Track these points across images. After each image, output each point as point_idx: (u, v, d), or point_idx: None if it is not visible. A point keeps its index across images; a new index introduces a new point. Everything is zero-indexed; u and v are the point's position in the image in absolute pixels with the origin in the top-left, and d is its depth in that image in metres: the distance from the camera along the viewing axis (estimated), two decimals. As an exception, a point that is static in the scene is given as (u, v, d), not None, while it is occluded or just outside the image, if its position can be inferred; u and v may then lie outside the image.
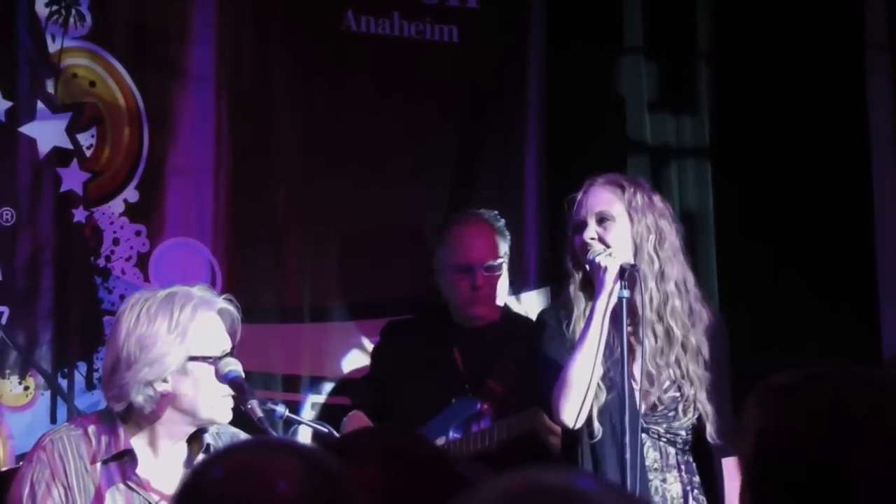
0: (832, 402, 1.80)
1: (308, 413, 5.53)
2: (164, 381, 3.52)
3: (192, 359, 3.53)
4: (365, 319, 5.71)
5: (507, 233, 5.24)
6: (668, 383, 4.04)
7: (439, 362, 5.03)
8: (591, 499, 1.47)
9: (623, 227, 4.04)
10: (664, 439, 4.04)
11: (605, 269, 3.92)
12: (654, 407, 4.03)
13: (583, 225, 4.05)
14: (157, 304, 3.55)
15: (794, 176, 5.93)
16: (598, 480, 1.58)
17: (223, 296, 3.65)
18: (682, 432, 4.06)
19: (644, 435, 3.97)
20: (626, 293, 3.88)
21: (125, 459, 3.54)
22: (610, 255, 3.94)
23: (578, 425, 3.99)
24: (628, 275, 3.91)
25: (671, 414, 4.03)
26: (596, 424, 3.99)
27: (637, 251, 4.02)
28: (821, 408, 1.80)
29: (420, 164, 5.86)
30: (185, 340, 3.52)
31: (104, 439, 3.54)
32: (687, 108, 6.02)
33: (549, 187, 5.89)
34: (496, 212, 5.29)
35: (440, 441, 4.91)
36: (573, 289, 4.06)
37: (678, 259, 4.09)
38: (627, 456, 3.84)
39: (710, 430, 4.03)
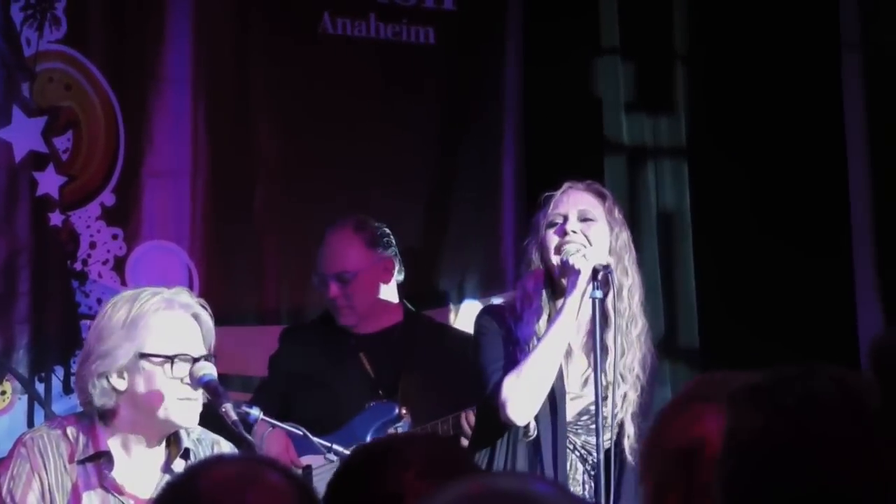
0: (802, 401, 1.81)
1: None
2: (121, 377, 3.51)
3: (143, 356, 3.51)
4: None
5: (384, 239, 5.04)
6: (592, 395, 4.00)
7: (347, 368, 4.93)
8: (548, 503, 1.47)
9: (603, 231, 4.03)
10: (577, 453, 4.00)
11: (579, 270, 3.90)
12: (580, 414, 4.00)
13: (562, 220, 4.02)
14: (123, 300, 3.57)
15: (771, 175, 5.94)
16: (555, 485, 1.58)
17: (197, 300, 3.63)
18: (594, 452, 4.00)
19: (569, 443, 3.94)
20: (598, 294, 3.86)
21: (101, 461, 3.53)
22: (584, 256, 3.92)
23: (525, 423, 3.94)
24: (602, 276, 3.89)
25: (592, 426, 3.99)
26: (531, 424, 3.95)
27: (617, 262, 4.00)
28: (791, 407, 1.80)
29: (398, 166, 5.86)
30: (135, 336, 3.50)
31: (82, 440, 3.55)
32: (664, 108, 6.03)
33: (527, 189, 5.90)
34: (376, 222, 5.17)
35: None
36: (533, 285, 4.02)
37: (640, 274, 4.09)
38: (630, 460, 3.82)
39: (626, 449, 3.96)
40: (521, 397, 3.90)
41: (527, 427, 3.94)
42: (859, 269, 5.92)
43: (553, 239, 4.01)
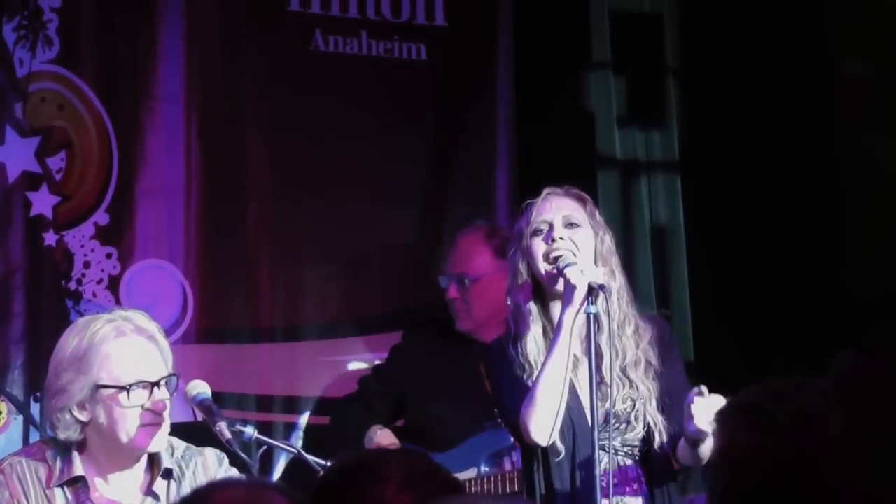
0: (795, 417, 1.81)
1: (282, 434, 5.53)
2: (82, 409, 3.52)
3: (99, 387, 3.50)
4: (338, 339, 5.71)
5: (499, 248, 5.03)
6: (618, 395, 4.02)
7: (465, 379, 4.92)
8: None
9: (588, 236, 4.03)
10: (621, 453, 4.01)
11: (576, 286, 3.89)
12: (605, 420, 4.01)
13: (548, 227, 4.01)
14: (76, 331, 3.58)
15: (764, 188, 5.95)
16: None
17: (142, 320, 3.59)
18: (637, 444, 4.04)
19: (601, 452, 3.94)
20: (593, 309, 3.86)
21: (79, 485, 3.55)
22: (581, 272, 3.91)
23: (549, 443, 3.96)
24: (596, 292, 3.88)
25: (623, 426, 4.01)
26: (558, 443, 3.96)
27: (604, 266, 4.00)
28: (783, 423, 1.80)
29: (392, 182, 5.86)
30: (88, 368, 3.50)
31: (59, 465, 3.56)
32: (656, 122, 6.04)
33: (520, 204, 5.88)
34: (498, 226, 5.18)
35: (471, 472, 4.82)
36: (523, 297, 4.02)
37: (624, 275, 4.09)
38: (597, 472, 3.82)
39: (658, 440, 3.99)
40: (537, 419, 3.91)
41: (555, 449, 3.95)
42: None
43: (540, 246, 3.99)
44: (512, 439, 4.68)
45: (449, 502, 1.49)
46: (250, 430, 3.63)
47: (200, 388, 3.57)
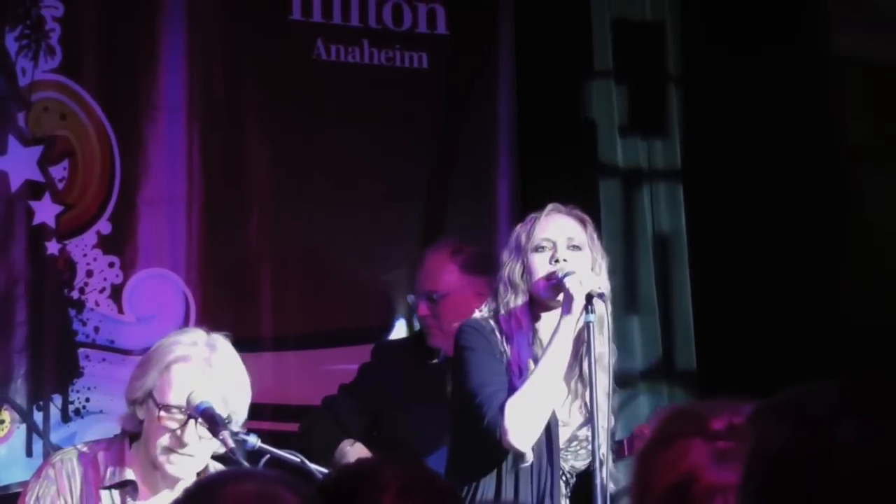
0: (830, 411, 1.80)
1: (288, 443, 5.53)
2: (140, 406, 3.60)
3: (150, 395, 3.59)
4: (341, 347, 5.71)
5: (482, 264, 5.00)
6: (581, 420, 4.00)
7: (439, 391, 4.88)
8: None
9: (588, 260, 4.02)
10: (564, 477, 3.99)
11: (573, 296, 3.88)
12: (569, 441, 3.99)
13: (552, 246, 4.00)
14: (167, 338, 3.70)
15: (766, 196, 5.95)
16: None
17: (222, 360, 3.65)
18: (574, 477, 4.01)
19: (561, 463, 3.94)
20: (592, 318, 3.85)
21: (127, 489, 3.60)
22: (580, 282, 3.91)
23: (528, 448, 3.90)
24: (595, 300, 3.87)
25: (580, 452, 3.98)
26: (528, 452, 3.92)
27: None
28: (817, 416, 1.79)
29: (392, 191, 5.87)
30: (149, 375, 3.60)
31: (110, 469, 3.61)
32: (658, 131, 6.04)
33: (522, 213, 5.87)
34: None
35: None
36: (521, 310, 3.99)
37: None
38: (610, 486, 3.79)
39: (604, 473, 3.89)
40: (524, 423, 3.85)
41: (523, 457, 3.91)
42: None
43: (543, 265, 3.98)
44: None
45: None
46: (253, 439, 3.62)
47: (203, 396, 3.57)
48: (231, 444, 3.53)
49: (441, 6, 6.02)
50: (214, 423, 3.56)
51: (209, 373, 3.60)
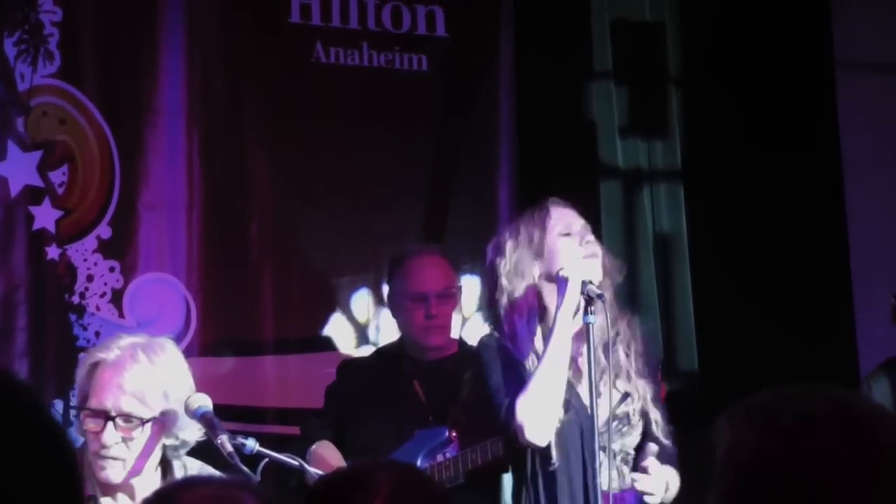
0: (799, 420, 1.80)
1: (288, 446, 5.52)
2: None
3: (79, 409, 3.55)
4: (340, 350, 5.71)
5: (459, 266, 5.25)
6: (617, 399, 4.01)
7: (401, 396, 5.01)
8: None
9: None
10: (619, 457, 4.00)
11: (567, 279, 3.90)
12: (606, 423, 4.01)
13: (573, 233, 4.03)
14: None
15: (767, 196, 5.95)
16: None
17: (148, 353, 3.57)
18: (632, 451, 4.03)
19: (601, 454, 3.94)
20: (592, 318, 3.86)
21: None
22: (574, 269, 3.92)
23: (546, 443, 3.92)
24: (595, 300, 3.89)
25: (625, 429, 4.00)
26: (554, 451, 3.94)
27: (603, 276, 4.01)
28: (787, 426, 1.79)
29: (393, 193, 5.86)
30: (79, 386, 3.54)
31: None
32: (658, 131, 6.03)
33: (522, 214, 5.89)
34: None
35: None
36: (528, 301, 4.01)
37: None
38: (599, 481, 3.81)
39: (657, 433, 3.98)
40: (535, 417, 3.90)
41: (549, 456, 3.92)
42: (860, 291, 5.92)
43: (572, 249, 4.00)
44: (446, 434, 4.78)
45: None
46: (251, 443, 3.61)
47: (201, 401, 3.56)
48: (229, 448, 3.51)
49: (440, 8, 6.01)
50: (213, 427, 3.55)
51: (136, 368, 3.49)
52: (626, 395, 4.01)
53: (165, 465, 3.60)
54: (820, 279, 5.90)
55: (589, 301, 3.87)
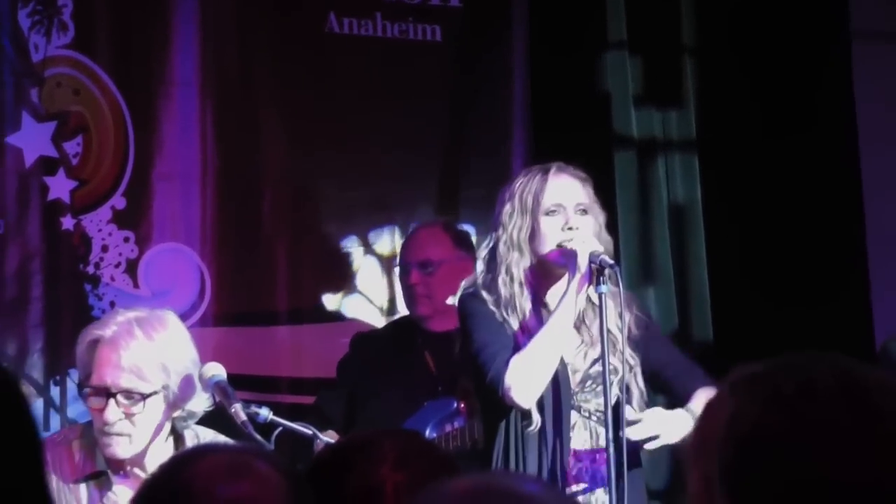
0: (800, 389, 1.79)
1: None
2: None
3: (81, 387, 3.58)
4: (354, 320, 5.72)
5: (468, 242, 5.18)
6: (592, 359, 4.01)
7: (412, 368, 5.04)
8: (536, 502, 1.47)
9: (593, 222, 4.05)
10: (594, 417, 4.00)
11: (576, 252, 3.90)
12: (582, 382, 4.01)
13: (561, 210, 4.01)
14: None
15: (782, 167, 5.93)
16: (544, 484, 1.58)
17: (146, 328, 3.56)
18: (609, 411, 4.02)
19: (575, 413, 3.94)
20: (604, 288, 3.87)
21: (102, 480, 3.53)
22: (583, 241, 3.92)
23: (530, 406, 3.92)
24: (607, 269, 3.88)
25: (598, 389, 3.98)
26: (535, 413, 3.94)
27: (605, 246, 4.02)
28: (787, 395, 1.79)
29: (406, 165, 5.86)
30: (80, 364, 3.58)
31: (81, 457, 3.54)
32: (673, 102, 6.02)
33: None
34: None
35: None
36: (524, 270, 4.00)
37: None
38: (569, 437, 3.83)
39: (636, 404, 3.96)
40: (527, 381, 3.89)
41: (529, 418, 3.92)
42: (875, 265, 5.91)
43: (554, 231, 3.99)
44: (455, 405, 4.78)
45: (455, 480, 1.49)
46: (265, 412, 3.63)
47: (215, 370, 3.57)
48: (243, 416, 3.53)
49: (453, -22, 6.00)
50: (227, 396, 3.57)
51: (132, 344, 3.49)
52: (596, 360, 3.98)
53: (177, 436, 3.60)
54: (835, 250, 5.88)
55: (600, 271, 3.86)
